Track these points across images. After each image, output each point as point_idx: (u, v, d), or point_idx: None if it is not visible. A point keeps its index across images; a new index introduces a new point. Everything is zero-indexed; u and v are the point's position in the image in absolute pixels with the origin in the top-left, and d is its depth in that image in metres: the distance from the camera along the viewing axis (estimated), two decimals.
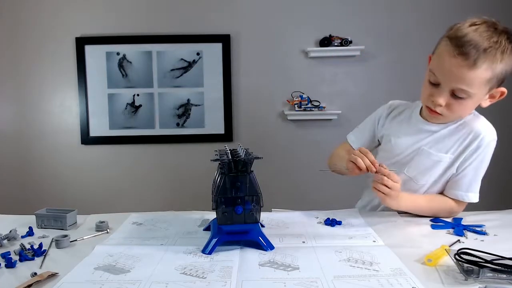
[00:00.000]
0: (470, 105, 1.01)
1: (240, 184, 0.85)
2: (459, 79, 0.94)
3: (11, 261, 0.80)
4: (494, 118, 1.17)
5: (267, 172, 2.45)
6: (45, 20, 2.49)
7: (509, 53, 0.93)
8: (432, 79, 1.00)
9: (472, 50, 0.90)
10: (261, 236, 0.88)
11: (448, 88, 0.97)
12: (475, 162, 1.07)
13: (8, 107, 2.56)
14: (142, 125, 2.55)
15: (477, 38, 0.91)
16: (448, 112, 1.01)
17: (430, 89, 1.01)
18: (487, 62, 0.91)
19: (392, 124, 1.22)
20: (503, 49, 0.91)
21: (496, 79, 0.95)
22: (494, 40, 0.91)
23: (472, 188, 1.08)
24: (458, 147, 1.07)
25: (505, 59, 0.92)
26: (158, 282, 0.71)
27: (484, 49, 0.90)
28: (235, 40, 2.51)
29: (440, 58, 0.97)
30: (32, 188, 2.59)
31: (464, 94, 0.96)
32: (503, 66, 0.93)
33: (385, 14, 2.45)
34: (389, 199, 1.01)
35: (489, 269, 0.69)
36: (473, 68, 0.91)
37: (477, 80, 0.93)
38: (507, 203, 2.45)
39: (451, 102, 0.99)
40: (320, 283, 0.70)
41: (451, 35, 0.96)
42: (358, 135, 1.29)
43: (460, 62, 0.92)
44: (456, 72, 0.93)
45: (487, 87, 0.96)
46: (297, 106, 2.49)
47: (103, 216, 1.10)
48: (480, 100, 1.00)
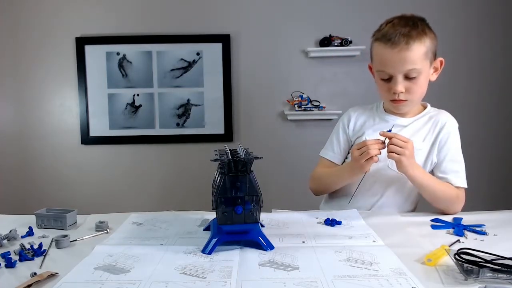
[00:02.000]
0: (423, 82, 1.12)
1: (240, 184, 0.85)
2: (404, 62, 1.07)
3: (11, 261, 0.80)
4: (495, 118, 1.18)
5: (267, 172, 2.45)
6: (45, 20, 2.49)
7: (428, 30, 1.11)
8: (384, 76, 1.13)
9: (400, 37, 1.07)
10: (261, 236, 0.88)
11: (400, 74, 1.09)
12: (453, 149, 1.17)
13: (8, 107, 2.56)
14: (142, 125, 2.55)
15: (398, 28, 1.08)
16: (410, 95, 1.12)
17: (386, 85, 1.14)
18: (416, 40, 1.07)
19: (363, 125, 1.26)
20: (422, 28, 1.09)
21: (430, 52, 1.11)
22: (411, 24, 1.09)
23: (461, 174, 1.17)
24: (431, 136, 1.18)
25: (428, 34, 1.10)
26: (158, 282, 0.71)
27: (409, 31, 1.07)
28: (235, 40, 2.51)
29: (381, 57, 1.12)
30: (32, 188, 2.59)
31: (415, 72, 1.09)
32: (430, 40, 1.10)
33: (385, 14, 2.45)
34: (405, 158, 1.04)
35: (489, 269, 0.69)
36: (409, 48, 1.06)
37: (417, 56, 1.07)
38: (507, 203, 2.46)
39: (408, 85, 1.11)
40: (320, 283, 0.70)
41: (378, 37, 1.12)
42: (335, 149, 1.31)
43: (397, 49, 1.07)
44: (399, 58, 1.08)
45: (427, 60, 1.10)
46: (297, 106, 2.49)
47: (103, 216, 1.10)
48: (428, 74, 1.13)
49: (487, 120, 2.56)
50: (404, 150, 1.03)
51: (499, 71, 2.54)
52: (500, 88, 2.56)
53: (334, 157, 1.30)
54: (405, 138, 1.05)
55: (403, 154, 1.03)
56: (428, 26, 1.13)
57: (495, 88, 2.56)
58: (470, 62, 2.53)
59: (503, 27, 2.51)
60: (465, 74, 2.54)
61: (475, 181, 2.60)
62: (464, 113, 2.56)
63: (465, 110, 2.57)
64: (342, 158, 1.30)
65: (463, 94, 2.55)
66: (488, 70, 2.54)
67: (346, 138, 1.30)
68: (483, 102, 2.56)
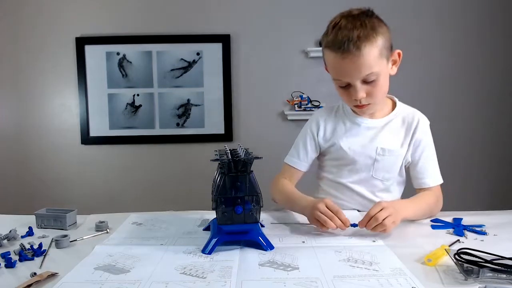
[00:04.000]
0: (384, 81, 1.07)
1: (240, 184, 0.85)
2: (359, 69, 1.02)
3: (11, 261, 0.79)
4: (494, 118, 1.18)
5: (267, 172, 2.45)
6: (45, 20, 2.49)
7: (378, 26, 1.03)
8: (341, 84, 1.08)
9: (349, 44, 0.99)
10: (261, 236, 0.88)
11: (358, 81, 1.04)
12: (427, 149, 1.16)
13: (8, 107, 2.55)
14: (142, 125, 2.55)
15: (346, 33, 1.00)
16: (372, 99, 1.08)
17: (346, 93, 1.09)
18: (367, 43, 0.99)
19: (334, 131, 1.20)
20: (371, 26, 1.01)
21: (385, 48, 1.03)
22: (359, 24, 1.01)
23: (436, 171, 1.17)
24: (407, 139, 1.15)
25: (378, 31, 1.02)
26: (158, 282, 0.71)
27: (357, 36, 0.99)
28: (235, 40, 2.51)
29: (334, 66, 1.06)
30: (32, 188, 2.59)
31: (373, 76, 1.03)
32: (382, 36, 1.02)
33: (385, 14, 2.45)
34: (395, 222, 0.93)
35: (489, 269, 0.69)
36: (361, 55, 1.00)
37: (371, 60, 1.01)
38: (507, 203, 2.46)
39: (368, 89, 1.06)
40: (320, 283, 0.70)
41: (327, 44, 1.05)
42: (301, 156, 1.24)
43: (349, 58, 1.00)
44: (353, 67, 1.02)
45: (383, 59, 1.04)
46: (297, 106, 2.49)
47: (103, 216, 1.10)
48: (387, 72, 1.08)
49: (487, 120, 2.56)
50: (389, 218, 0.91)
51: (499, 71, 2.54)
52: (500, 88, 2.56)
53: (299, 164, 1.24)
54: (377, 209, 0.92)
55: (394, 221, 0.92)
56: (378, 19, 1.05)
57: (495, 88, 2.56)
58: (470, 62, 2.53)
59: (503, 27, 2.51)
60: (464, 74, 2.54)
61: (475, 181, 2.63)
62: (464, 113, 2.57)
63: (465, 110, 2.57)
64: (308, 165, 1.25)
65: (463, 94, 2.55)
66: (488, 69, 2.54)
67: (314, 146, 1.23)
68: (483, 102, 2.56)
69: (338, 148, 1.18)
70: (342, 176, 1.19)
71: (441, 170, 1.17)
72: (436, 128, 1.21)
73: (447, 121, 2.53)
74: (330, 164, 1.23)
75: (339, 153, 1.18)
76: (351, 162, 1.17)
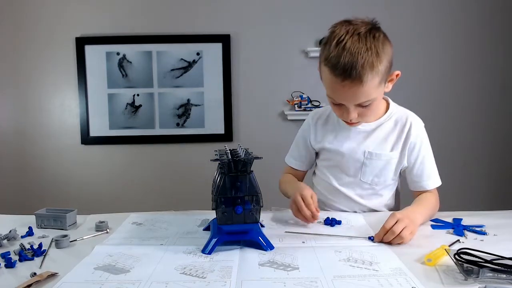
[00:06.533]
0: (378, 103, 1.07)
1: (240, 184, 0.85)
2: (357, 96, 0.99)
3: (11, 261, 0.79)
4: (494, 118, 1.17)
5: (267, 172, 2.44)
6: (45, 20, 2.49)
7: (382, 48, 0.97)
8: (335, 102, 1.05)
9: (352, 71, 0.93)
10: (261, 236, 0.88)
11: (352, 105, 1.02)
12: (423, 151, 1.13)
13: (8, 107, 2.55)
14: (142, 125, 2.55)
15: (350, 59, 0.93)
16: (363, 118, 1.07)
17: (338, 109, 1.07)
18: (370, 72, 0.94)
19: (325, 133, 1.21)
20: (376, 51, 0.95)
21: (385, 73, 1.00)
22: (364, 50, 0.94)
23: (434, 173, 1.15)
24: (400, 142, 1.13)
25: (381, 56, 0.96)
26: (158, 282, 0.71)
27: (362, 65, 0.93)
28: (235, 40, 2.51)
29: (331, 87, 1.01)
30: (32, 188, 2.59)
31: (367, 102, 1.01)
32: (384, 61, 0.97)
33: (385, 14, 2.45)
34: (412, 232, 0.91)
35: (489, 269, 0.69)
36: (362, 84, 0.95)
37: (371, 89, 0.98)
38: (507, 203, 2.46)
39: (361, 111, 1.04)
40: (320, 283, 0.70)
41: (327, 62, 0.98)
42: (296, 155, 1.29)
43: (349, 85, 0.96)
44: (351, 94, 0.98)
45: (382, 85, 1.01)
46: (297, 106, 2.49)
47: (103, 216, 1.10)
48: (382, 93, 1.06)
49: (487, 120, 2.56)
50: (406, 230, 0.88)
51: (499, 71, 2.54)
52: (500, 88, 2.56)
53: (296, 164, 1.29)
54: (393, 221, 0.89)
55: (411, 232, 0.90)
56: (384, 37, 1.00)
57: (495, 89, 2.56)
58: (470, 62, 2.53)
59: (504, 26, 2.51)
60: (465, 73, 2.54)
61: (475, 181, 2.63)
62: (464, 113, 2.57)
63: (465, 110, 2.57)
64: (306, 165, 1.29)
65: (462, 94, 2.55)
66: (488, 70, 2.54)
67: (307, 148, 1.26)
68: (483, 103, 2.56)
69: (328, 151, 1.20)
70: (332, 178, 1.20)
71: (441, 170, 1.17)
72: (436, 128, 1.20)
73: (447, 121, 2.53)
74: (321, 165, 1.25)
75: (329, 155, 1.20)
76: (339, 165, 1.18)
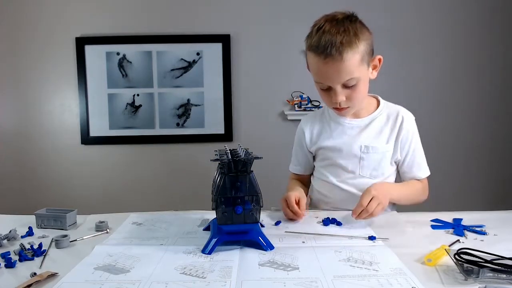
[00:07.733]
0: (363, 86, 1.11)
1: (240, 184, 0.85)
2: (340, 74, 1.04)
3: (11, 261, 0.79)
4: (494, 118, 1.17)
5: (267, 172, 2.45)
6: (45, 20, 2.48)
7: (360, 31, 1.05)
8: (322, 86, 1.10)
9: (332, 49, 1.01)
10: (261, 236, 0.88)
11: (338, 85, 1.07)
12: (413, 143, 1.19)
13: (8, 107, 2.55)
14: (142, 125, 2.55)
15: (329, 38, 1.02)
16: (351, 102, 1.11)
17: (326, 95, 1.12)
18: (349, 49, 1.02)
19: (319, 133, 1.26)
20: (354, 32, 1.03)
21: (366, 54, 1.06)
22: (342, 30, 1.03)
23: (424, 164, 1.22)
24: (393, 135, 1.18)
25: (361, 37, 1.04)
26: (158, 282, 0.71)
27: (340, 42, 1.01)
28: (235, 40, 2.51)
29: (316, 69, 1.08)
30: (32, 188, 2.59)
31: (353, 81, 1.06)
32: (364, 42, 1.05)
33: (385, 14, 2.45)
34: (383, 204, 1.01)
35: (489, 269, 0.69)
36: (343, 60, 1.02)
37: (352, 66, 1.03)
38: (507, 203, 2.46)
39: (348, 93, 1.09)
40: (320, 283, 0.70)
41: (310, 46, 1.08)
42: (296, 162, 1.34)
43: (331, 63, 1.03)
44: (334, 72, 1.04)
45: (364, 64, 1.07)
46: (297, 106, 2.49)
47: (103, 216, 1.10)
48: (367, 77, 1.11)
49: (487, 120, 2.56)
50: (379, 207, 0.99)
51: (499, 71, 2.54)
52: (500, 88, 2.56)
53: (298, 170, 1.34)
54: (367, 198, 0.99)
55: (382, 208, 1.01)
56: (361, 24, 1.08)
57: (495, 88, 2.56)
58: (470, 61, 2.53)
59: (504, 26, 2.51)
60: (465, 73, 2.54)
61: (475, 181, 2.63)
62: (464, 113, 2.57)
63: (465, 110, 2.57)
64: (307, 169, 1.33)
65: (462, 94, 2.55)
66: (488, 70, 2.54)
67: (305, 153, 1.30)
68: (483, 103, 2.56)
69: (325, 149, 1.23)
70: (330, 176, 1.22)
71: (441, 170, 1.18)
72: (436, 128, 1.21)
73: (447, 121, 2.53)
74: (319, 165, 1.27)
75: (326, 155, 1.23)
76: (337, 162, 1.20)
